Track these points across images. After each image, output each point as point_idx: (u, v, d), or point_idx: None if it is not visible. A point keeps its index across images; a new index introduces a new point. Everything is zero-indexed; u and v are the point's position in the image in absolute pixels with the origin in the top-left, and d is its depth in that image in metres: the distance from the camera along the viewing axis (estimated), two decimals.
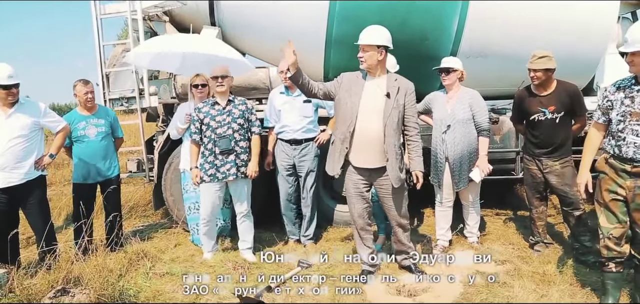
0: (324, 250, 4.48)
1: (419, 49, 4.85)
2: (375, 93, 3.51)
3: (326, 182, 5.22)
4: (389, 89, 3.50)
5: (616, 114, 2.98)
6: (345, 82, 3.59)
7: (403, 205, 3.76)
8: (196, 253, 4.51)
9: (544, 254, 4.17)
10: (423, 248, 4.48)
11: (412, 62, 4.50)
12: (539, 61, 3.82)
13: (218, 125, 4.10)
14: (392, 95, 3.49)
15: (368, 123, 3.49)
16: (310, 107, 4.51)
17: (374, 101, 3.49)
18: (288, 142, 4.52)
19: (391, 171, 3.54)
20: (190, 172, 4.25)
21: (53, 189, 7.29)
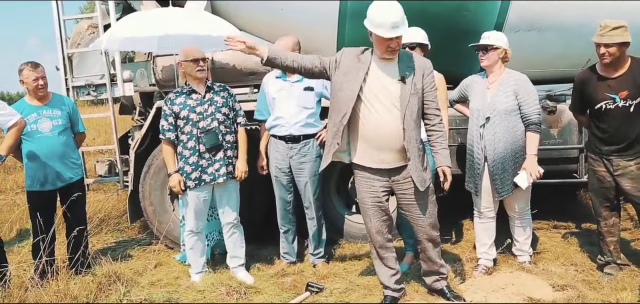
0: (338, 272, 4.49)
1: (457, 22, 4.81)
2: (385, 77, 3.45)
3: (340, 187, 5.21)
4: (403, 72, 3.45)
5: None
6: (345, 61, 3.53)
7: (432, 213, 3.69)
8: (182, 275, 4.51)
9: (617, 278, 4.04)
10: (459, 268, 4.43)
11: (448, 39, 4.46)
12: (613, 33, 3.69)
13: (200, 117, 4.07)
14: (407, 78, 3.44)
15: (379, 115, 3.43)
16: (312, 96, 4.43)
17: (383, 87, 3.44)
18: (283, 140, 4.45)
19: (414, 171, 3.48)
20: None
21: (2, 198, 7.33)
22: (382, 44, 3.35)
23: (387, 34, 3.27)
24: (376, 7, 3.35)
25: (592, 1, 4.70)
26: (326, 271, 4.48)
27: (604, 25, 3.73)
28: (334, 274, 4.43)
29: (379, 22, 3.28)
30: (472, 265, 4.45)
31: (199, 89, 4.12)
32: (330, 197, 5.11)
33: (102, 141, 7.86)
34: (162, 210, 5.08)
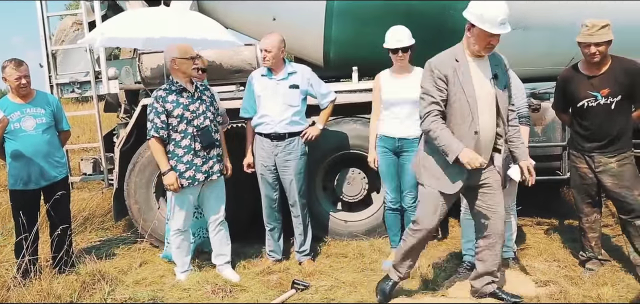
0: (324, 269, 4.50)
1: (443, 21, 4.83)
2: (482, 76, 3.42)
3: (326, 184, 5.23)
4: (494, 69, 3.45)
5: None
6: (446, 71, 3.39)
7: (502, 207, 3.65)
8: (167, 273, 4.49)
9: (598, 273, 4.09)
10: (444, 264, 4.48)
11: (434, 38, 4.42)
12: (601, 32, 3.72)
13: (193, 116, 4.07)
14: (499, 75, 3.46)
15: (484, 116, 3.40)
16: (298, 94, 4.43)
17: (481, 86, 3.40)
18: (268, 137, 4.45)
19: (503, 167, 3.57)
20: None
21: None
22: (484, 40, 3.30)
23: (495, 29, 3.23)
24: (484, 1, 3.29)
25: (577, 1, 4.74)
26: (312, 269, 4.48)
27: (591, 25, 3.75)
28: (320, 272, 4.43)
29: (487, 17, 3.22)
30: (457, 262, 4.48)
31: (189, 87, 4.10)
32: (316, 194, 5.12)
33: (86, 139, 7.79)
34: (148, 208, 5.05)
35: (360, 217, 5.21)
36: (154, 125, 4.02)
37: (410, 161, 4.34)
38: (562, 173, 4.97)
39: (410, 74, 4.38)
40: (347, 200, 5.20)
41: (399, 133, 4.37)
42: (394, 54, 4.29)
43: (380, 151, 4.44)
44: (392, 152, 4.42)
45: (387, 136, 4.40)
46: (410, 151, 4.34)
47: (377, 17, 4.78)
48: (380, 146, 4.44)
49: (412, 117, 4.33)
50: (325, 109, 4.58)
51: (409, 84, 4.33)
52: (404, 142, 4.36)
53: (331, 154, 5.07)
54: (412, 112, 4.34)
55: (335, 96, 4.62)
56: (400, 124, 4.37)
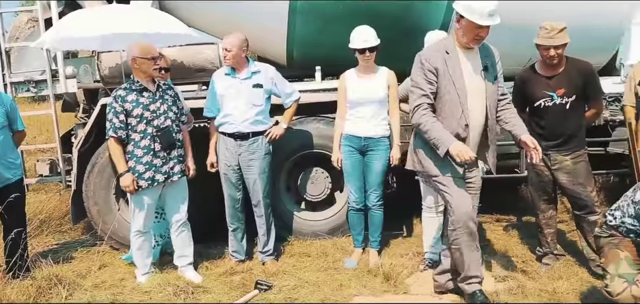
0: (287, 269, 4.49)
1: (404, 20, 4.89)
2: (472, 68, 3.42)
3: (290, 184, 5.24)
4: (485, 61, 3.45)
5: None
6: (437, 64, 3.37)
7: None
8: (127, 276, 4.43)
9: (554, 268, 4.21)
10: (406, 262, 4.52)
11: (396, 37, 4.51)
12: (560, 35, 3.83)
13: (154, 116, 4.01)
14: (489, 66, 3.45)
15: (474, 110, 3.41)
16: (261, 94, 4.42)
17: (471, 78, 3.41)
18: (232, 137, 4.43)
19: (491, 157, 3.58)
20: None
21: None
22: (472, 31, 3.29)
23: (483, 21, 3.21)
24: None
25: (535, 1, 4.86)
26: (275, 269, 4.47)
27: (550, 28, 3.85)
28: (283, 272, 4.43)
29: (476, 7, 3.20)
30: (419, 259, 4.54)
31: (150, 86, 4.04)
32: (279, 194, 5.11)
33: (43, 139, 7.57)
34: (107, 210, 4.96)
35: (323, 217, 5.23)
36: (113, 125, 3.97)
37: (376, 159, 4.42)
38: (520, 171, 5.08)
39: (376, 74, 4.42)
40: (310, 199, 5.21)
41: (365, 132, 4.41)
42: (361, 54, 4.32)
43: (345, 150, 4.47)
44: (358, 152, 4.45)
45: (353, 135, 4.43)
46: (376, 150, 4.41)
47: (340, 16, 4.80)
48: (346, 145, 4.47)
49: (378, 117, 4.41)
50: (289, 109, 4.58)
51: (374, 83, 4.39)
52: (369, 142, 4.41)
53: (294, 154, 5.07)
54: (378, 112, 4.41)
55: (300, 95, 4.63)
56: (366, 123, 4.40)
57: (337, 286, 4.09)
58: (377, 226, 4.60)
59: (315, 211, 5.28)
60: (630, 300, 2.99)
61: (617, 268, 3.07)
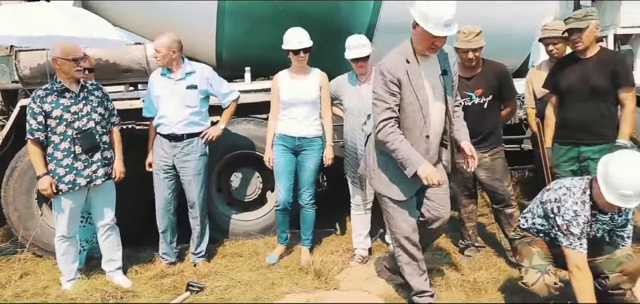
0: (219, 269, 4.51)
1: (331, 21, 4.99)
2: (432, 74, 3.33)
3: (222, 184, 5.25)
4: (443, 65, 3.36)
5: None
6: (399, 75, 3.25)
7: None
8: (51, 283, 4.31)
9: (475, 259, 4.42)
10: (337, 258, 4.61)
11: (322, 38, 4.59)
12: (477, 39, 4.03)
13: (75, 117, 3.92)
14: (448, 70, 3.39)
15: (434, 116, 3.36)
16: (196, 95, 4.42)
17: (431, 84, 3.32)
18: (166, 138, 4.42)
19: (448, 157, 3.52)
20: None
21: None
22: (427, 40, 3.14)
23: (438, 31, 3.06)
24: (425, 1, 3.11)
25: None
26: (207, 270, 4.47)
27: (468, 32, 4.04)
28: (215, 272, 4.44)
29: (432, 16, 3.04)
30: (349, 255, 4.66)
31: (73, 87, 3.94)
32: (210, 195, 5.08)
33: None
34: (29, 216, 4.81)
35: (255, 217, 5.26)
36: (30, 126, 3.87)
37: (309, 158, 4.49)
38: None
39: (308, 75, 4.49)
40: (241, 200, 5.23)
41: (298, 132, 4.47)
42: (295, 55, 4.36)
43: (278, 149, 4.51)
44: (291, 151, 4.51)
45: (287, 135, 4.48)
46: (309, 149, 4.49)
47: (268, 17, 4.85)
48: (279, 144, 4.51)
49: (311, 117, 4.48)
50: (228, 109, 4.59)
51: (307, 85, 4.46)
52: (303, 142, 4.48)
53: (225, 155, 5.08)
54: (311, 113, 4.48)
55: (238, 94, 4.64)
56: (299, 123, 4.47)
57: (268, 285, 4.14)
58: (309, 225, 4.67)
59: (247, 211, 5.31)
60: (544, 289, 3.21)
61: (531, 261, 3.28)
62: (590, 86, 3.88)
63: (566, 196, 3.11)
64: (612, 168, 2.91)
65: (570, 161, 4.04)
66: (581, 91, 3.91)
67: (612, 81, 3.88)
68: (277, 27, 4.45)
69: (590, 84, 3.88)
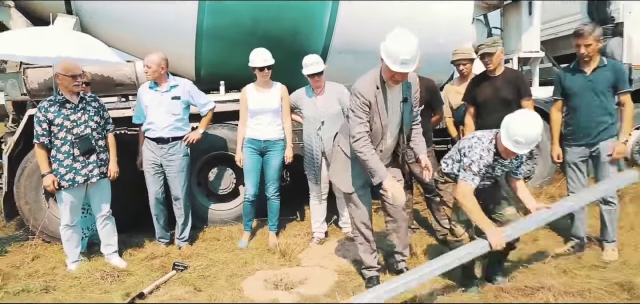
0: (200, 251, 4.69)
1: (291, 44, 5.22)
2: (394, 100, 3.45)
3: (201, 180, 5.41)
4: (405, 93, 3.46)
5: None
6: (369, 98, 3.36)
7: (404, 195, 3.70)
8: (58, 265, 4.45)
9: (412, 238, 4.66)
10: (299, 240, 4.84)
11: (284, 57, 4.84)
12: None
13: (74, 125, 4.11)
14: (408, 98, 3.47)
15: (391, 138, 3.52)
16: (179, 104, 4.64)
17: (393, 110, 3.45)
18: (154, 141, 4.60)
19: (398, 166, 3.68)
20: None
21: None
22: (389, 73, 3.25)
23: (393, 67, 3.16)
24: (394, 36, 3.18)
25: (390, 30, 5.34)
26: (190, 252, 4.63)
27: None
28: (197, 254, 4.60)
29: (391, 51, 3.15)
30: (309, 238, 4.92)
31: (73, 99, 4.13)
32: (192, 189, 5.21)
33: None
34: (38, 208, 4.95)
35: (229, 207, 5.45)
36: (37, 133, 4.06)
37: (274, 157, 4.70)
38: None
39: (271, 88, 4.70)
40: (218, 193, 5.38)
41: (265, 136, 4.68)
42: (260, 71, 4.56)
43: (247, 151, 4.70)
44: (258, 152, 4.72)
45: (254, 138, 4.68)
46: (273, 150, 4.71)
47: (240, 40, 5.04)
48: (248, 146, 4.70)
49: (274, 123, 4.69)
50: (205, 117, 4.79)
51: (270, 96, 4.67)
52: (268, 143, 4.70)
53: (204, 155, 5.23)
54: (274, 119, 4.68)
55: (214, 105, 4.82)
56: (265, 128, 4.67)
57: (242, 264, 4.32)
58: (275, 213, 4.87)
59: (223, 202, 5.47)
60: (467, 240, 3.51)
61: (458, 216, 3.55)
62: (501, 98, 4.28)
63: (477, 143, 3.38)
64: (511, 120, 3.22)
65: None
66: (494, 102, 4.30)
67: (516, 93, 4.32)
68: (247, 48, 4.63)
69: (501, 97, 4.28)
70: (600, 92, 4.04)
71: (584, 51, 4.01)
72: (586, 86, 4.08)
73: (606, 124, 4.08)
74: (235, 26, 5.17)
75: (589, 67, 4.07)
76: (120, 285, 3.98)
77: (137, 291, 3.79)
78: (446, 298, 3.54)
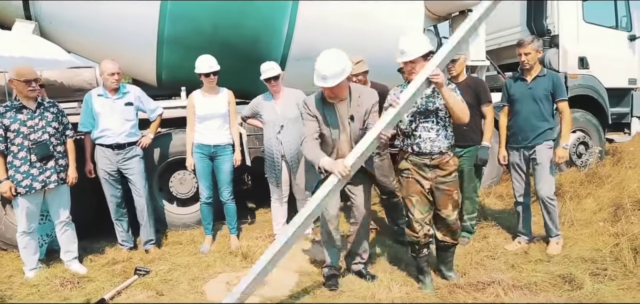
0: (163, 256, 4.63)
1: (252, 51, 5.22)
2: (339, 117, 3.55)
3: (163, 185, 5.34)
4: (353, 110, 3.55)
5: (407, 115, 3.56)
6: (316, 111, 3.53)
7: (369, 198, 3.83)
8: (16, 273, 4.31)
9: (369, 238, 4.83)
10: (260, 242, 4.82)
11: (244, 65, 4.85)
12: (357, 67, 4.37)
13: (30, 131, 4.00)
14: (356, 117, 3.55)
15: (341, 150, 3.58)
16: (132, 110, 4.58)
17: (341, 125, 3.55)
18: (110, 147, 4.52)
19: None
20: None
21: None
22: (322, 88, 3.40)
23: (316, 81, 3.33)
24: (322, 54, 3.37)
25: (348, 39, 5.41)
26: (152, 257, 4.57)
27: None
28: (159, 258, 4.54)
29: (316, 68, 3.33)
30: (270, 239, 4.90)
31: (30, 105, 4.02)
32: (154, 194, 5.19)
33: None
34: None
35: (191, 210, 5.39)
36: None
37: (224, 162, 4.69)
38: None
39: (218, 94, 4.69)
40: (180, 197, 5.33)
41: (213, 141, 4.66)
42: (206, 77, 4.56)
43: (197, 156, 4.67)
44: (207, 157, 4.70)
45: (203, 144, 4.66)
46: (223, 155, 4.71)
47: (201, 47, 4.99)
48: (198, 152, 4.66)
49: (222, 128, 4.68)
50: (154, 122, 4.77)
51: (218, 101, 4.67)
52: (217, 148, 4.68)
53: (165, 160, 5.17)
54: (222, 124, 4.68)
55: (162, 110, 4.81)
56: (213, 134, 4.65)
57: (204, 267, 4.29)
58: (233, 216, 4.86)
59: (185, 206, 5.41)
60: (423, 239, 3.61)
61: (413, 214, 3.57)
62: None
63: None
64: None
65: None
66: None
67: (476, 98, 4.49)
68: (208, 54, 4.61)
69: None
70: (539, 99, 4.27)
71: (524, 59, 4.27)
72: (526, 93, 4.31)
73: (542, 129, 4.29)
74: (196, 33, 5.13)
75: (530, 76, 4.32)
76: (81, 292, 3.88)
77: (98, 297, 3.72)
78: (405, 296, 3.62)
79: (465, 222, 4.72)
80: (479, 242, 4.64)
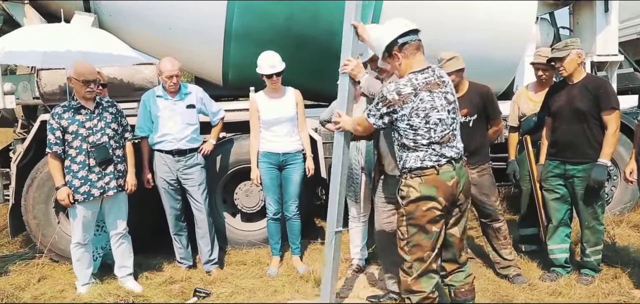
0: (225, 277, 4.53)
1: (329, 46, 5.01)
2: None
3: (227, 197, 5.26)
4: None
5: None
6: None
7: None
8: (67, 287, 4.33)
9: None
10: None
11: (322, 61, 4.66)
12: (449, 64, 4.09)
13: (89, 132, 4.00)
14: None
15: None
16: (194, 114, 4.52)
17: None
18: (170, 154, 4.46)
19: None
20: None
21: None
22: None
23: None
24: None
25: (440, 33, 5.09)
26: (212, 277, 4.50)
27: (440, 58, 4.09)
28: (220, 280, 4.46)
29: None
30: (347, 264, 4.68)
31: (88, 105, 4.03)
32: (216, 206, 5.12)
33: None
34: (47, 223, 4.82)
35: (258, 227, 5.26)
36: (49, 141, 3.96)
37: (294, 172, 4.54)
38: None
39: (284, 95, 4.55)
40: (245, 211, 5.23)
41: (283, 149, 4.52)
42: (269, 78, 4.42)
43: (264, 166, 4.53)
44: (276, 167, 4.55)
45: (271, 152, 4.52)
46: (293, 163, 4.55)
47: (272, 41, 4.90)
48: (265, 161, 4.53)
49: (292, 134, 4.53)
50: (217, 126, 4.70)
51: (283, 103, 4.52)
52: (287, 157, 4.54)
53: (229, 169, 5.09)
54: (291, 129, 4.53)
55: (224, 113, 4.74)
56: (281, 140, 4.51)
57: (271, 292, 4.17)
58: (297, 234, 4.70)
59: (251, 222, 5.31)
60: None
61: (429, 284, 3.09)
62: (574, 109, 4.02)
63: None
64: None
65: (557, 177, 4.17)
66: (567, 113, 4.06)
67: (595, 104, 3.99)
68: (280, 49, 4.50)
69: (574, 107, 4.02)
70: None
71: None
72: None
73: None
74: (267, 27, 5.05)
75: None
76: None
77: None
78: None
79: (588, 256, 4.17)
80: (607, 283, 4.09)
